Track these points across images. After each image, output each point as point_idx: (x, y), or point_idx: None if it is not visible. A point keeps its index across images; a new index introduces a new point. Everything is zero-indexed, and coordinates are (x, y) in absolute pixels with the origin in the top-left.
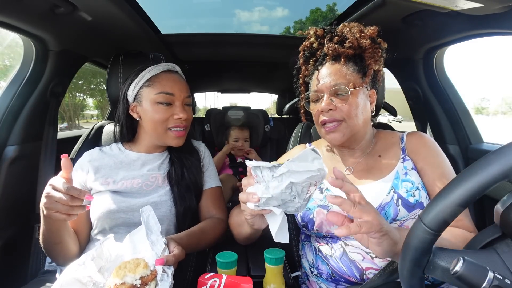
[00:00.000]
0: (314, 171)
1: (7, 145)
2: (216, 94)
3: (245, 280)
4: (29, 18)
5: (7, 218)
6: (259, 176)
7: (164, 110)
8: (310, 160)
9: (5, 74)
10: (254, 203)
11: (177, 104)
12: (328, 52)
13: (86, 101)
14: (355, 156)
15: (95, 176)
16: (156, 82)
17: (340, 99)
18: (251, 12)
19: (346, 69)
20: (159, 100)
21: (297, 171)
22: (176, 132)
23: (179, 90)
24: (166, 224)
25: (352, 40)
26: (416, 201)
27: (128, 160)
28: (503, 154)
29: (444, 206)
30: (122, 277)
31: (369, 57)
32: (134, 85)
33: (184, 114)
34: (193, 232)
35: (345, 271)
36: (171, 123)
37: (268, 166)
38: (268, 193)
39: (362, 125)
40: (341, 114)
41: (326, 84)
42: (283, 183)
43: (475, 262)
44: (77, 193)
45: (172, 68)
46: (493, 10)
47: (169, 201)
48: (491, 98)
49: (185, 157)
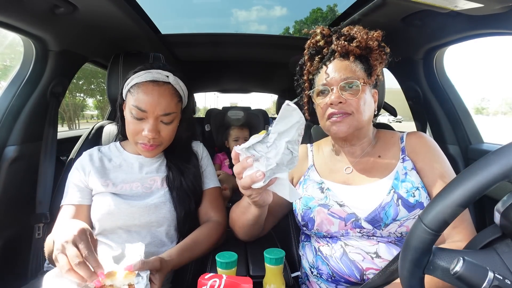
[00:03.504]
0: (298, 122)
1: (7, 145)
2: (216, 94)
3: (245, 280)
4: (29, 18)
5: (7, 218)
6: (255, 154)
7: (135, 123)
8: (290, 115)
9: (5, 74)
10: (262, 180)
11: (149, 121)
12: (337, 49)
13: (86, 101)
14: (355, 156)
15: (96, 177)
16: (136, 92)
17: (349, 93)
18: (249, 11)
19: (355, 66)
20: (133, 112)
21: (285, 130)
22: (143, 146)
23: (154, 107)
24: (166, 225)
25: (361, 40)
26: (416, 201)
27: (127, 163)
28: (503, 154)
29: (444, 206)
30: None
31: (375, 59)
32: (125, 85)
33: (152, 133)
34: (185, 246)
35: (345, 271)
36: (139, 139)
37: (258, 140)
38: (272, 163)
39: (367, 121)
40: (350, 107)
41: (336, 78)
42: (280, 147)
43: (475, 262)
44: (94, 265)
45: (163, 78)
46: (493, 10)
47: (169, 202)
48: (491, 98)
49: (181, 164)
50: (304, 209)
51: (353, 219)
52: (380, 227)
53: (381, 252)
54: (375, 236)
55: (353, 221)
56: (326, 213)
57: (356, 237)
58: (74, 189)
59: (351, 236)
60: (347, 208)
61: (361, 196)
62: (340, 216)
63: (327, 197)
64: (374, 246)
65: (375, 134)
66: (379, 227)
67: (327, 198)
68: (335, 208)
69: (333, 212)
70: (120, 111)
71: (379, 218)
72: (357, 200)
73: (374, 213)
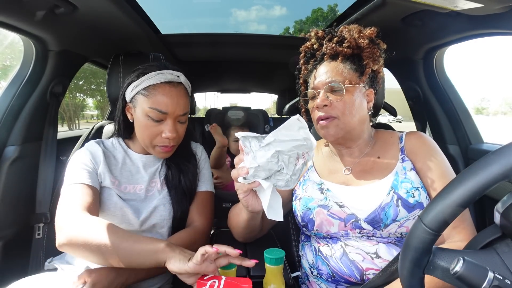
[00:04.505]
0: (300, 140)
1: (7, 145)
2: (216, 94)
3: (244, 281)
4: (29, 18)
5: (7, 218)
6: (247, 147)
7: (153, 126)
8: (296, 129)
9: (5, 74)
10: (243, 175)
11: (168, 122)
12: (326, 51)
13: (86, 101)
14: (353, 156)
15: (106, 169)
16: (153, 94)
17: (335, 95)
18: (248, 11)
19: (343, 67)
20: (150, 115)
21: (283, 140)
22: (162, 148)
23: (175, 108)
24: (167, 227)
25: (350, 40)
26: (416, 201)
27: (132, 161)
28: (503, 154)
29: (444, 206)
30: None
31: (367, 57)
32: (132, 87)
33: (173, 133)
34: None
35: (345, 271)
36: (159, 141)
37: (256, 136)
38: (255, 163)
39: (357, 123)
40: (336, 110)
41: (322, 81)
42: (269, 152)
43: (475, 262)
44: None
45: (175, 78)
46: (493, 10)
47: (168, 204)
48: (491, 98)
49: (182, 162)
50: (303, 210)
51: (353, 220)
52: (380, 228)
53: (381, 252)
54: (375, 237)
55: (353, 222)
56: (326, 214)
57: (356, 237)
58: (84, 170)
59: (351, 236)
60: (346, 209)
61: (361, 197)
62: (339, 217)
63: (326, 197)
64: (374, 246)
65: (373, 135)
66: (379, 227)
67: (327, 198)
68: (334, 209)
69: (333, 213)
70: (122, 113)
71: (378, 218)
72: (357, 200)
73: (373, 214)
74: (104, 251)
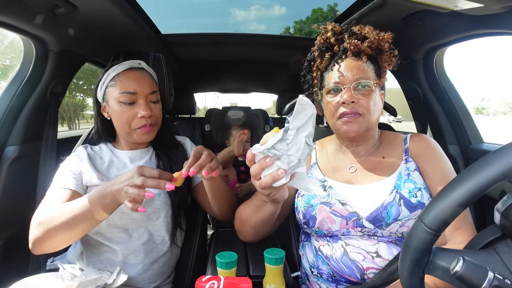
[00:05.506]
0: (312, 114)
1: (7, 145)
2: (216, 94)
3: (244, 280)
4: (29, 18)
5: (7, 218)
6: (276, 153)
7: (127, 110)
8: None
9: (5, 74)
10: (283, 177)
11: (140, 102)
12: (350, 47)
13: (86, 101)
14: (359, 155)
15: (91, 170)
16: (119, 81)
17: (361, 93)
18: (247, 11)
19: (367, 66)
20: (122, 100)
21: (302, 124)
22: (142, 129)
23: (142, 87)
24: (163, 217)
25: (373, 40)
26: (418, 201)
27: (118, 159)
28: (503, 154)
29: (444, 206)
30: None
31: (385, 61)
32: (101, 85)
33: (147, 111)
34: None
35: (345, 271)
36: (136, 123)
37: (278, 140)
38: (294, 160)
39: (375, 122)
40: (362, 108)
41: (349, 77)
42: (300, 143)
43: (475, 262)
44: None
45: (136, 65)
46: (493, 10)
47: (163, 193)
48: (491, 98)
49: (170, 152)
50: (306, 207)
51: (354, 218)
52: (381, 227)
53: (381, 251)
54: (376, 236)
55: (355, 220)
56: (328, 211)
57: (357, 236)
58: (70, 175)
59: (352, 235)
60: (349, 206)
61: (363, 195)
62: (341, 214)
63: (329, 195)
64: (375, 245)
65: (379, 135)
66: (380, 226)
67: (330, 196)
68: (337, 206)
69: (335, 210)
70: (99, 115)
71: (380, 217)
72: (359, 199)
73: (376, 213)
74: (65, 225)
